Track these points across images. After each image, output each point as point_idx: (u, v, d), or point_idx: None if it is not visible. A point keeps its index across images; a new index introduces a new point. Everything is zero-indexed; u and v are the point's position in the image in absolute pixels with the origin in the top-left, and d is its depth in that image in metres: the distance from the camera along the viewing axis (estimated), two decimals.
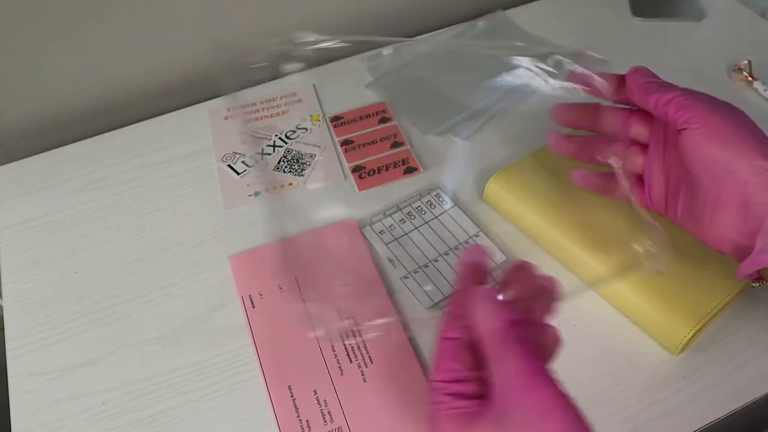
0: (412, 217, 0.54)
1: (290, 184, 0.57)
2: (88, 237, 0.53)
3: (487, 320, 0.33)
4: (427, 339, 0.47)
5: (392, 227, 0.53)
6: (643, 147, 0.45)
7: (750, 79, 0.64)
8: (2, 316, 0.48)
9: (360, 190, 0.56)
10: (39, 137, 0.62)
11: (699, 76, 0.66)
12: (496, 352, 0.32)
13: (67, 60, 0.60)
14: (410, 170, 0.57)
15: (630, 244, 0.47)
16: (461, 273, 0.38)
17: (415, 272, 0.50)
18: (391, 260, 0.51)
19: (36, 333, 0.47)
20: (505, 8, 0.74)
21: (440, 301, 0.48)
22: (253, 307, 0.48)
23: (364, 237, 0.52)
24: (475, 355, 0.33)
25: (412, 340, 0.47)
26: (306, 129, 0.61)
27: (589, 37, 0.70)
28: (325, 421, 0.42)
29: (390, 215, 0.54)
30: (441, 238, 0.52)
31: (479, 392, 0.32)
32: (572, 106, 0.48)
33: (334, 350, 0.46)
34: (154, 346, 0.47)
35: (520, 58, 0.65)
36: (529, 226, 0.51)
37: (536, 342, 0.33)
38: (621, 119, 0.46)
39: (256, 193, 0.56)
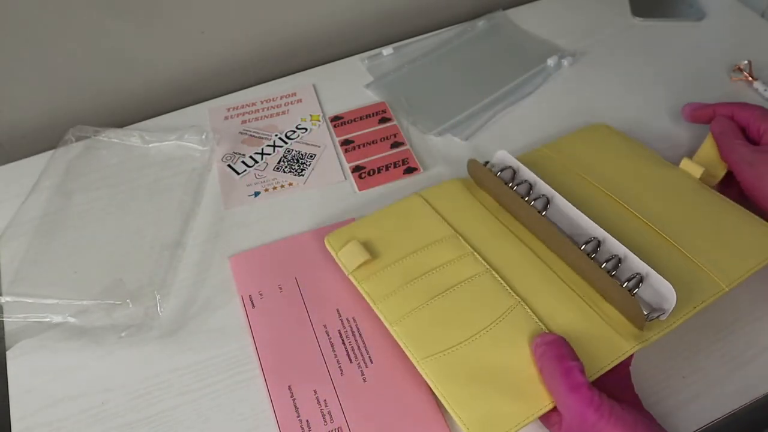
0: None
1: (290, 184, 0.57)
2: (88, 237, 0.53)
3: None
4: None
5: None
6: None
7: (750, 79, 0.64)
8: (2, 315, 0.48)
9: (360, 190, 0.56)
10: (39, 137, 0.62)
11: (699, 76, 0.66)
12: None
13: (66, 60, 0.60)
14: (410, 170, 0.57)
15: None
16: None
17: None
18: None
19: (36, 332, 0.47)
20: (505, 8, 0.74)
21: None
22: (253, 307, 0.48)
23: None
24: None
25: None
26: (306, 129, 0.61)
27: (589, 37, 0.70)
28: (325, 421, 0.42)
29: None
30: None
31: None
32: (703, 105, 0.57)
33: (334, 350, 0.46)
34: (155, 346, 0.47)
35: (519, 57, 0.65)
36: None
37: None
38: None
39: (256, 193, 0.56)
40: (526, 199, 0.49)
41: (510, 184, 0.50)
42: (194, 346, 0.47)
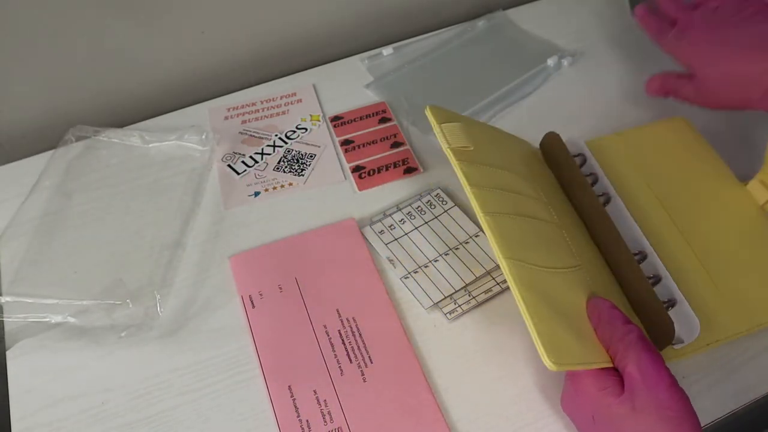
0: (412, 217, 0.54)
1: (290, 184, 0.57)
2: (88, 237, 0.53)
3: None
4: (427, 339, 0.47)
5: (392, 227, 0.53)
6: None
7: None
8: (2, 315, 0.48)
9: (360, 190, 0.56)
10: (39, 137, 0.62)
11: None
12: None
13: (66, 60, 0.60)
14: (410, 170, 0.57)
15: None
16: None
17: (415, 272, 0.50)
18: (391, 260, 0.51)
19: (36, 332, 0.47)
20: (505, 8, 0.74)
21: (440, 300, 0.48)
22: (253, 307, 0.48)
23: (364, 237, 0.52)
24: None
25: (412, 340, 0.47)
26: (306, 129, 0.61)
27: (589, 37, 0.70)
28: (325, 421, 0.42)
29: (390, 215, 0.54)
30: (441, 238, 0.52)
31: None
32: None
33: (334, 350, 0.46)
34: (155, 346, 0.47)
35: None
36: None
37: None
38: None
39: (256, 193, 0.56)
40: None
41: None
42: (194, 346, 0.47)
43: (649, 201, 0.51)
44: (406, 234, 0.53)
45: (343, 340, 0.46)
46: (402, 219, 0.54)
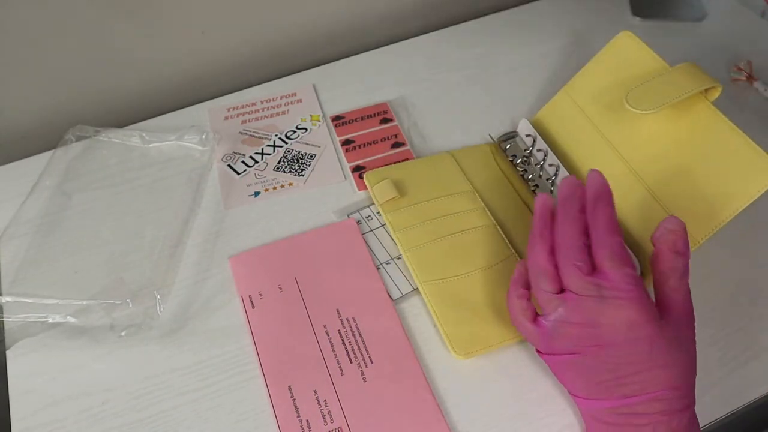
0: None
1: (290, 184, 0.57)
2: (88, 237, 0.53)
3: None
4: (427, 339, 0.47)
5: (369, 218, 0.53)
6: None
7: (750, 79, 0.64)
8: (2, 315, 0.48)
9: (360, 190, 0.56)
10: (39, 137, 0.62)
11: None
12: None
13: (66, 60, 0.60)
14: None
15: None
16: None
17: (387, 263, 0.50)
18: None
19: (36, 332, 0.47)
20: (505, 9, 0.73)
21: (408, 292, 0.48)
22: (253, 307, 0.48)
23: (364, 237, 0.52)
24: None
25: (412, 340, 0.47)
26: (306, 129, 0.61)
27: (589, 37, 0.70)
28: (325, 421, 0.42)
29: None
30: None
31: None
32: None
33: (334, 350, 0.46)
34: (155, 346, 0.47)
35: None
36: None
37: None
38: None
39: (256, 193, 0.56)
40: (540, 164, 0.56)
41: (530, 149, 0.57)
42: (194, 346, 0.47)
43: (599, 146, 0.53)
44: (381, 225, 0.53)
45: (343, 340, 0.46)
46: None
